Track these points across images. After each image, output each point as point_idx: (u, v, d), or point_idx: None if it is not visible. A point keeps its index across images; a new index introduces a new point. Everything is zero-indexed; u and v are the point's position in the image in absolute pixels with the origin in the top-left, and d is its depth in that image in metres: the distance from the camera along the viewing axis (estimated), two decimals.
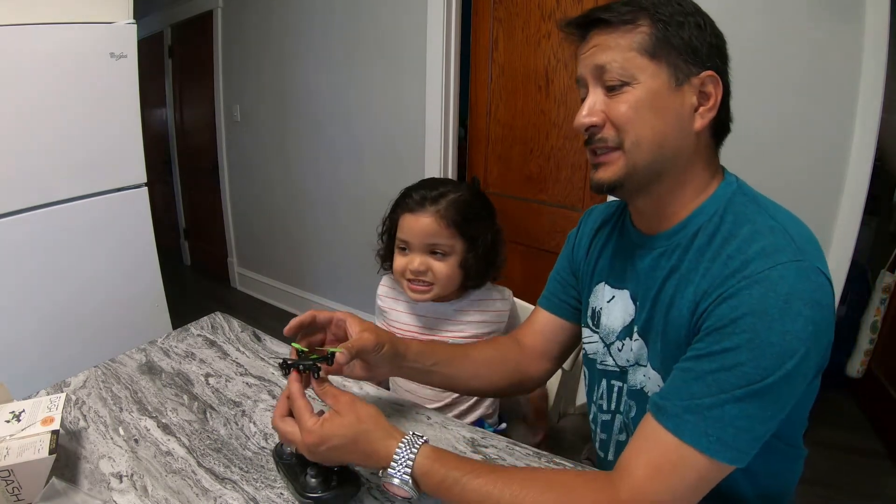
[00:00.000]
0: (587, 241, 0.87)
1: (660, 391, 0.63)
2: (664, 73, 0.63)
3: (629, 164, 0.66)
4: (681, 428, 0.58)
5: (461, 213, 0.99)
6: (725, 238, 0.63)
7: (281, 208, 3.02)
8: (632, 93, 0.64)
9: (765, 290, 0.56)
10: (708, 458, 0.56)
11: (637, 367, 0.74)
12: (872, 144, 1.51)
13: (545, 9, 1.96)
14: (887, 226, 2.24)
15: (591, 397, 0.85)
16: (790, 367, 0.55)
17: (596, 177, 0.69)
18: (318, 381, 0.70)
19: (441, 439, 0.82)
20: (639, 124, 0.64)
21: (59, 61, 1.53)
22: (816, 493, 1.66)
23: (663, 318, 0.68)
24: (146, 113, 1.91)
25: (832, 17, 1.49)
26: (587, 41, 0.68)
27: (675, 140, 0.65)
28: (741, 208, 0.65)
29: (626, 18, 0.64)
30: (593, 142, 0.67)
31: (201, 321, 1.17)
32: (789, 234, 0.60)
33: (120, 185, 1.74)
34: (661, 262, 0.70)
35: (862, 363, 1.95)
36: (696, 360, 0.59)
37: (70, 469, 0.72)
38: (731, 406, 0.56)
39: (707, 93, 0.65)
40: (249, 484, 0.71)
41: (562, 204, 2.08)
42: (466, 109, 2.29)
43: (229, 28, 2.97)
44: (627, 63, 0.63)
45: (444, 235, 0.99)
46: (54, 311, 1.62)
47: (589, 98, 0.67)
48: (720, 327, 0.58)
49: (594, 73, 0.66)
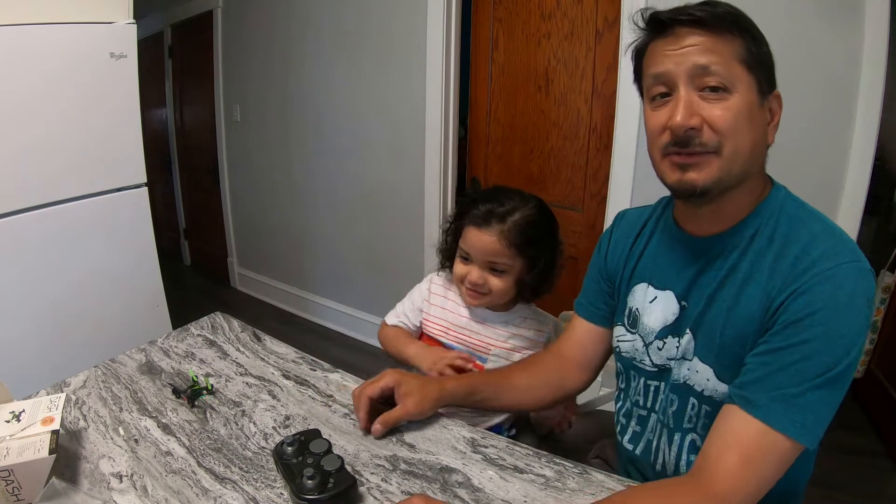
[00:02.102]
0: (626, 242, 0.88)
1: (741, 386, 0.66)
2: (755, 87, 0.66)
3: (724, 169, 0.66)
4: (771, 417, 0.62)
5: (524, 234, 0.99)
6: (785, 241, 0.68)
7: (281, 208, 3.02)
8: (733, 100, 0.65)
9: (834, 287, 0.62)
10: (792, 442, 0.62)
11: (683, 361, 0.76)
12: (872, 144, 1.51)
13: (545, 9, 1.96)
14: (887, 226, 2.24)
15: (627, 393, 0.88)
16: (854, 356, 0.62)
17: (687, 178, 0.67)
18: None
19: (441, 439, 0.82)
20: (739, 133, 0.65)
21: (59, 61, 1.53)
22: (816, 493, 1.66)
23: (724, 316, 0.70)
24: (146, 113, 1.91)
25: (832, 17, 1.49)
26: (676, 37, 0.66)
27: (760, 152, 0.69)
28: (793, 212, 0.70)
29: (726, 26, 0.64)
30: (690, 145, 0.66)
31: (201, 321, 1.17)
32: (842, 238, 0.66)
33: (120, 185, 1.74)
34: (716, 263, 0.73)
35: (862, 363, 1.95)
36: (776, 353, 0.64)
37: (70, 469, 0.72)
38: (811, 393, 0.61)
39: (773, 110, 0.70)
40: (249, 484, 0.71)
41: (562, 204, 2.08)
42: (466, 109, 2.29)
43: (229, 28, 2.97)
44: (730, 71, 0.64)
45: (505, 255, 0.99)
46: (54, 311, 1.62)
47: (684, 97, 0.66)
48: (797, 321, 0.63)
49: (692, 71, 0.65)
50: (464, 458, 0.78)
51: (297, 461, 0.71)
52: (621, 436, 0.89)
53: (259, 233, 3.22)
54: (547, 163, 2.08)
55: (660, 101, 0.69)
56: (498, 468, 0.75)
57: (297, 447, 0.73)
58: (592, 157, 1.97)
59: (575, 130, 1.99)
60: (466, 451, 0.79)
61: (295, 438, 0.74)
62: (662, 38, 0.68)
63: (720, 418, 0.67)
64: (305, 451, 0.73)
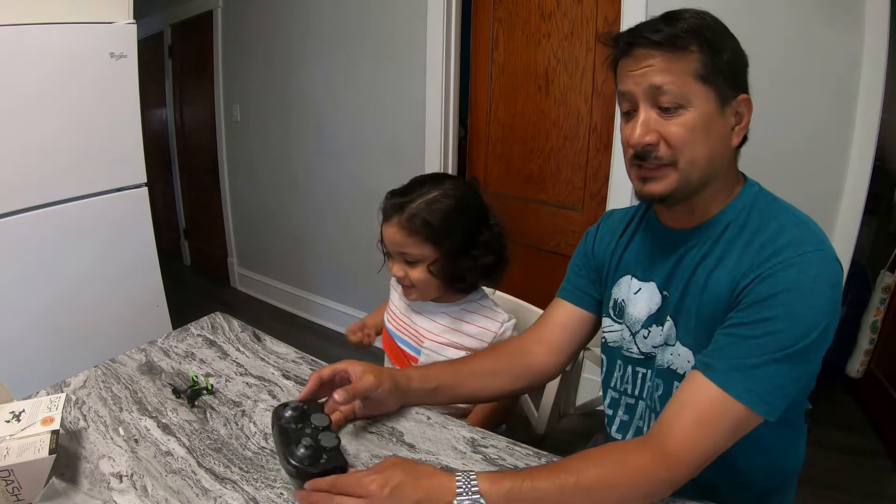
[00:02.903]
0: (611, 237, 0.91)
1: (704, 354, 0.70)
2: (713, 98, 0.69)
3: (682, 179, 0.72)
4: (728, 383, 0.65)
5: (425, 220, 0.96)
6: (755, 231, 0.72)
7: (281, 208, 3.02)
8: (687, 115, 0.69)
9: (798, 272, 0.66)
10: (748, 409, 0.65)
11: (665, 346, 0.80)
12: (872, 144, 1.51)
13: (545, 9, 1.96)
14: (887, 226, 2.24)
15: (611, 383, 0.90)
16: (815, 336, 0.65)
17: (647, 189, 0.74)
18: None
19: (441, 439, 0.82)
20: (693, 145, 0.70)
21: (59, 61, 1.53)
22: (816, 494, 1.66)
23: (697, 299, 0.75)
24: (146, 113, 1.91)
25: (832, 17, 1.49)
26: (635, 57, 0.71)
27: (720, 157, 0.73)
28: (765, 206, 0.74)
29: (679, 44, 0.68)
30: (647, 159, 0.72)
31: (201, 321, 1.17)
32: (811, 228, 0.70)
33: (120, 185, 1.74)
34: (691, 251, 0.77)
35: (862, 363, 1.95)
36: (738, 328, 0.68)
37: (70, 469, 0.72)
38: (769, 366, 0.65)
39: (741, 113, 0.73)
40: (249, 484, 0.71)
41: (562, 204, 2.08)
42: (466, 109, 2.29)
43: (229, 28, 2.97)
44: (684, 87, 0.68)
45: (410, 244, 0.98)
46: (54, 311, 1.62)
47: (641, 116, 0.71)
48: (759, 300, 0.67)
49: (648, 92, 0.70)
50: (464, 458, 0.78)
51: (295, 427, 0.71)
52: (609, 427, 0.91)
53: (259, 233, 3.22)
54: (547, 163, 2.08)
55: (627, 117, 0.75)
56: (498, 468, 0.75)
57: (299, 415, 0.73)
58: (592, 157, 1.97)
59: (575, 130, 1.99)
60: (466, 451, 0.79)
61: (298, 405, 0.74)
62: (626, 58, 0.73)
63: (683, 383, 0.70)
64: (306, 421, 0.73)
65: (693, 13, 0.70)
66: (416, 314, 1.10)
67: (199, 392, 0.90)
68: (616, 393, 0.89)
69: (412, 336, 1.09)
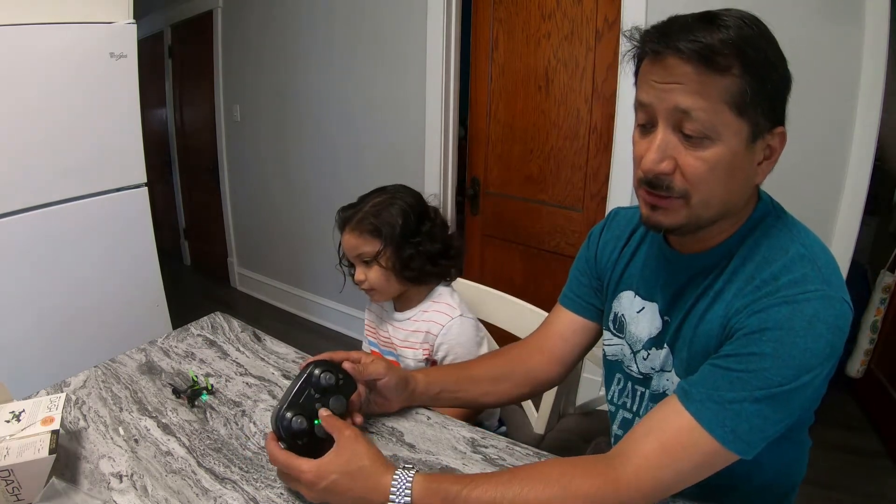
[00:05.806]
0: (616, 245, 0.86)
1: (686, 380, 0.66)
2: (745, 131, 0.60)
3: (692, 216, 0.64)
4: (701, 413, 0.61)
5: (374, 219, 1.05)
6: (759, 264, 0.65)
7: (281, 208, 3.02)
8: (711, 150, 0.60)
9: (792, 310, 0.60)
10: (718, 445, 0.60)
11: (662, 372, 0.76)
12: (872, 144, 1.51)
13: (545, 9, 1.96)
14: (887, 226, 2.24)
15: (609, 395, 0.87)
16: (805, 380, 0.59)
17: (654, 218, 0.66)
18: (327, 414, 0.72)
19: (441, 439, 0.82)
20: (711, 184, 0.62)
21: (59, 61, 1.53)
22: (816, 494, 1.66)
23: (692, 330, 0.70)
24: (146, 113, 1.91)
25: (832, 17, 1.49)
26: (664, 66, 0.60)
27: (739, 197, 0.66)
28: (777, 235, 0.67)
29: (719, 62, 0.57)
30: (656, 186, 0.63)
31: (201, 321, 1.17)
32: (817, 265, 0.63)
33: (120, 185, 1.74)
34: (696, 280, 0.72)
35: (862, 363, 1.94)
36: (724, 359, 0.63)
37: (70, 469, 0.72)
38: (749, 404, 0.60)
39: (772, 147, 0.64)
40: (249, 484, 0.71)
41: (562, 204, 2.08)
42: (466, 109, 2.29)
43: (229, 28, 2.97)
44: (715, 117, 0.58)
45: (361, 244, 1.06)
46: (54, 311, 1.62)
47: (659, 137, 0.62)
48: (750, 333, 0.61)
49: (673, 114, 0.60)
50: (464, 458, 0.78)
51: (318, 396, 0.72)
52: (610, 437, 0.90)
53: (259, 233, 3.22)
54: (547, 163, 2.08)
55: (643, 131, 0.65)
56: (498, 468, 0.75)
57: (328, 387, 0.74)
58: (592, 158, 1.97)
59: (575, 130, 1.99)
60: (466, 451, 0.79)
61: (334, 376, 0.74)
62: (652, 61, 0.62)
63: (658, 405, 0.66)
64: (332, 396, 0.74)
65: (737, 17, 0.59)
66: (384, 322, 1.18)
67: (200, 392, 0.90)
68: (613, 406, 0.87)
69: (386, 343, 1.17)
